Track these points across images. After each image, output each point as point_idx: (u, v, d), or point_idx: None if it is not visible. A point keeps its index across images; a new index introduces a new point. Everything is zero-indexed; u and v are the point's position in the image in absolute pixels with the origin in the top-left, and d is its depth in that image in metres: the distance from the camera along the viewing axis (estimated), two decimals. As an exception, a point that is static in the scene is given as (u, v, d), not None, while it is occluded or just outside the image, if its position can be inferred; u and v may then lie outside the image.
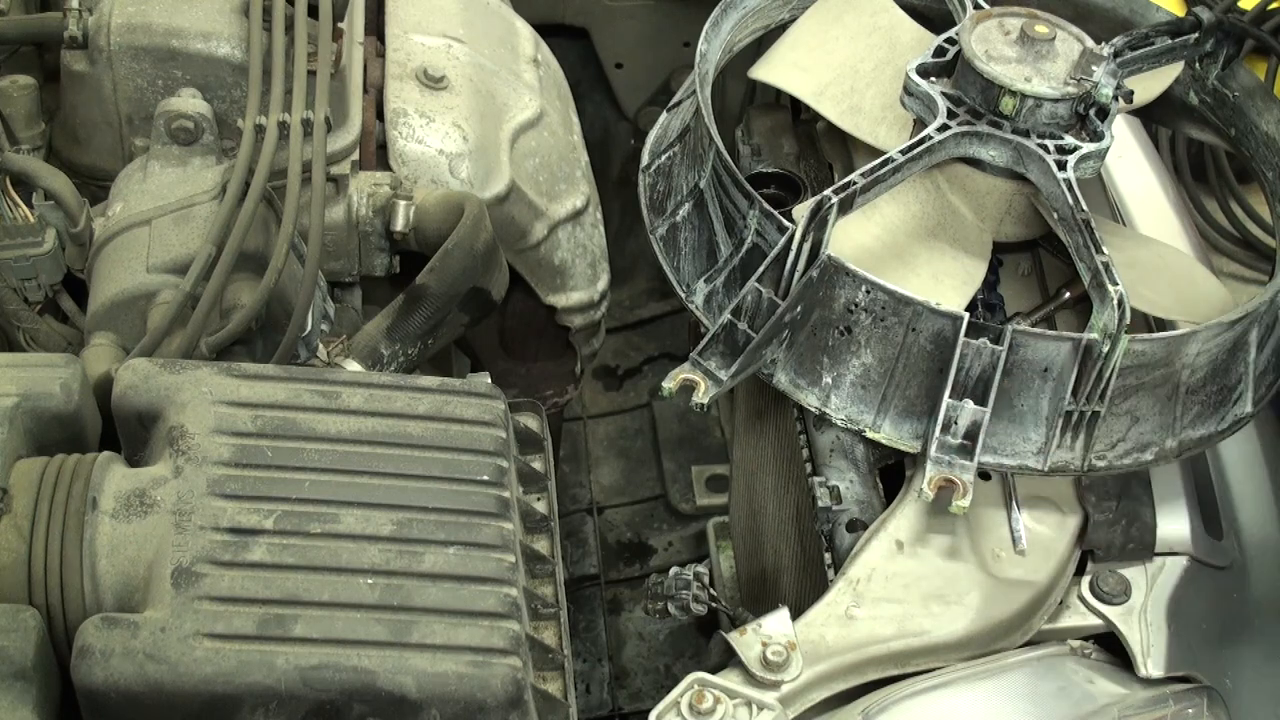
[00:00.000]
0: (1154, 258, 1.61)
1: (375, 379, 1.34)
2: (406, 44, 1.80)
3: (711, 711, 1.24)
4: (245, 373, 1.30)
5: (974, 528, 1.42)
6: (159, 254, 1.45)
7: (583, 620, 2.39)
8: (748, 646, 1.30)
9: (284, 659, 1.12)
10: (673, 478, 2.58)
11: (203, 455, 1.22)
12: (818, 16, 1.75)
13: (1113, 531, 1.43)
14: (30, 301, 1.50)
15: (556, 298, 1.85)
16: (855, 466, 1.50)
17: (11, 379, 1.25)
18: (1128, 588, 1.41)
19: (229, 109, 1.62)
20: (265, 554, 1.17)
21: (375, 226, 1.61)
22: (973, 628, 1.35)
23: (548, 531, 1.36)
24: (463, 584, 1.18)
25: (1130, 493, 1.45)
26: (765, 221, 1.45)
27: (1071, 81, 1.50)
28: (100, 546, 1.18)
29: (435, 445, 1.28)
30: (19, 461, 1.22)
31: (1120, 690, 1.34)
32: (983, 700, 1.32)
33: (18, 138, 1.66)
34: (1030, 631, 1.39)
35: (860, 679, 1.32)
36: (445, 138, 1.69)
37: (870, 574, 1.38)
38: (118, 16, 1.62)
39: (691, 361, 1.41)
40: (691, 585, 1.51)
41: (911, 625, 1.35)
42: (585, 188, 1.86)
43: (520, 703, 1.15)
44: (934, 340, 1.38)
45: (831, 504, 1.46)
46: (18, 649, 1.10)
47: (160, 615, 1.12)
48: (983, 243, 1.56)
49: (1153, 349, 1.39)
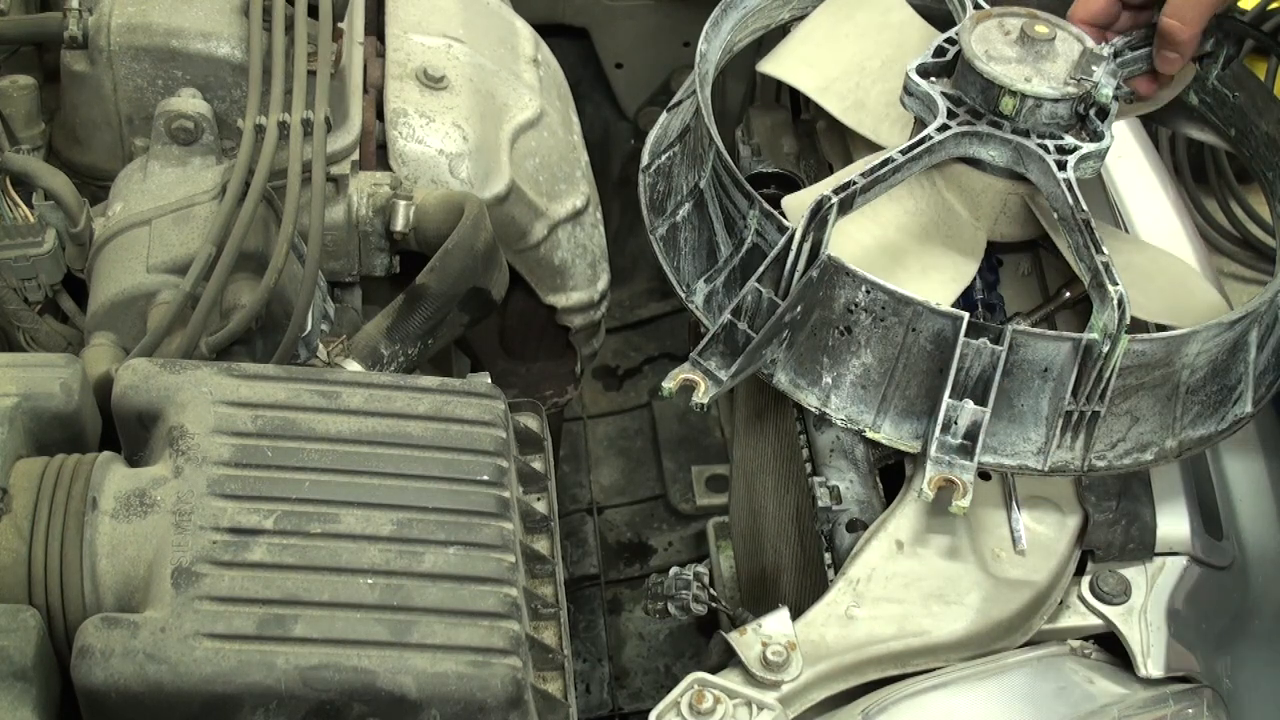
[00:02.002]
0: (1148, 262, 1.60)
1: (375, 379, 1.34)
2: (406, 44, 1.80)
3: (711, 711, 1.24)
4: (245, 373, 1.30)
5: (974, 528, 1.42)
6: (159, 254, 1.45)
7: (583, 620, 2.39)
8: (748, 646, 1.30)
9: (284, 659, 1.12)
10: (673, 478, 2.58)
11: (203, 455, 1.22)
12: (830, 12, 1.74)
13: (1113, 531, 1.43)
14: (30, 301, 1.50)
15: (556, 298, 1.85)
16: (855, 466, 1.50)
17: (11, 379, 1.25)
18: (1128, 588, 1.41)
19: (229, 109, 1.62)
20: (265, 554, 1.17)
21: (375, 226, 1.61)
22: (973, 628, 1.35)
23: (548, 531, 1.36)
24: (463, 584, 1.18)
25: (1130, 493, 1.45)
26: (765, 221, 1.45)
27: (1071, 81, 1.50)
28: (100, 546, 1.18)
29: (435, 445, 1.28)
30: (19, 461, 1.21)
31: (1120, 690, 1.34)
32: (983, 700, 1.32)
33: (18, 138, 1.66)
34: (1030, 631, 1.39)
35: (860, 679, 1.32)
36: (445, 138, 1.69)
37: (870, 574, 1.38)
38: (118, 16, 1.62)
39: (691, 361, 1.41)
40: (691, 585, 1.51)
41: (911, 625, 1.34)
42: (585, 188, 1.86)
43: (520, 703, 1.15)
44: (934, 340, 1.38)
45: (831, 504, 1.46)
46: (18, 649, 1.10)
47: (160, 615, 1.12)
48: (976, 241, 1.56)
49: (1153, 349, 1.39)
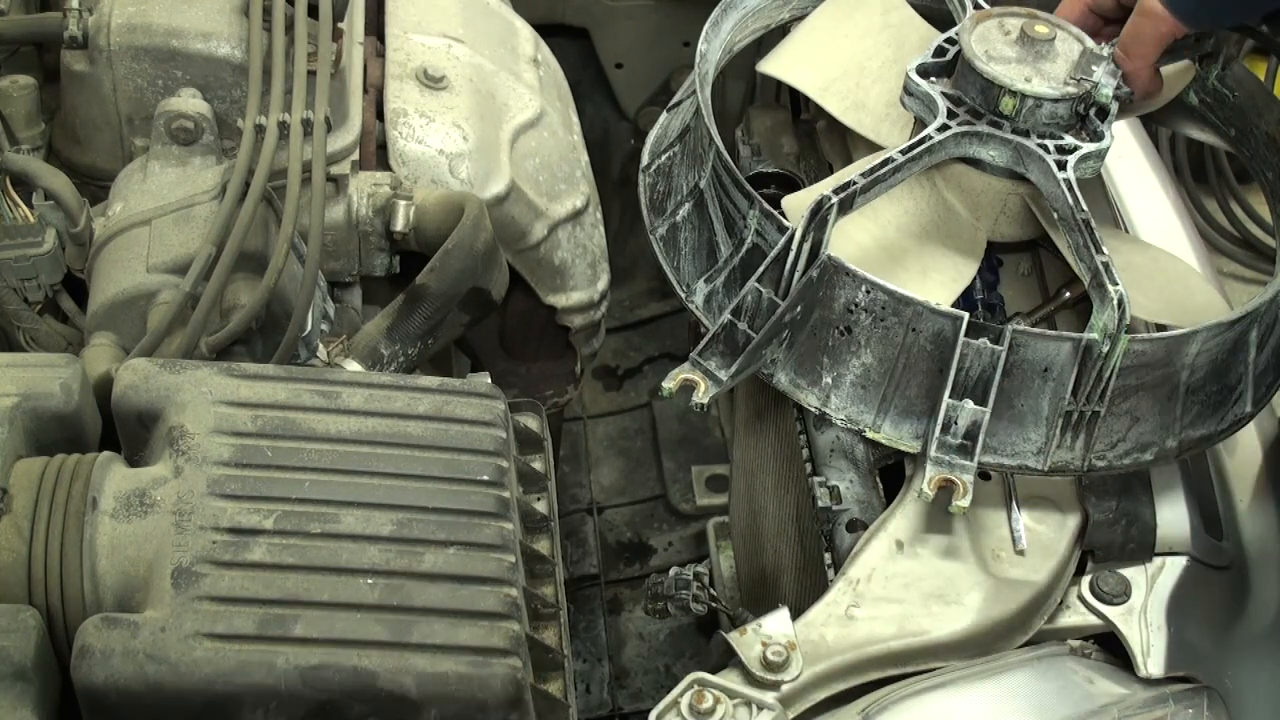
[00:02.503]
0: (1148, 262, 1.60)
1: (375, 379, 1.34)
2: (406, 44, 1.80)
3: (711, 711, 1.24)
4: (245, 373, 1.30)
5: (974, 528, 1.42)
6: (159, 254, 1.45)
7: (583, 620, 2.38)
8: (748, 646, 1.30)
9: (284, 659, 1.12)
10: (673, 478, 2.58)
11: (203, 455, 1.22)
12: (830, 13, 1.74)
13: (1113, 531, 1.43)
14: (30, 301, 1.50)
15: (556, 298, 1.85)
16: (855, 466, 1.50)
17: (11, 379, 1.25)
18: (1128, 588, 1.41)
19: (229, 109, 1.62)
20: (265, 554, 1.17)
21: (375, 226, 1.61)
22: (973, 628, 1.35)
23: (548, 531, 1.35)
24: (463, 584, 1.18)
25: (1130, 493, 1.45)
26: (765, 221, 1.45)
27: (1071, 82, 1.50)
28: (100, 546, 1.18)
29: (435, 445, 1.27)
30: (19, 461, 1.21)
31: (1120, 690, 1.34)
32: (983, 700, 1.32)
33: (18, 138, 1.66)
34: (1030, 631, 1.39)
35: (860, 679, 1.32)
36: (445, 138, 1.69)
37: (870, 574, 1.38)
38: (118, 16, 1.62)
39: (691, 361, 1.40)
40: (691, 585, 1.51)
41: (911, 625, 1.34)
42: (585, 188, 1.86)
43: (520, 703, 1.15)
44: (934, 340, 1.38)
45: (831, 504, 1.46)
46: (18, 649, 1.10)
47: (160, 615, 1.12)
48: (976, 241, 1.56)
49: (1153, 349, 1.39)
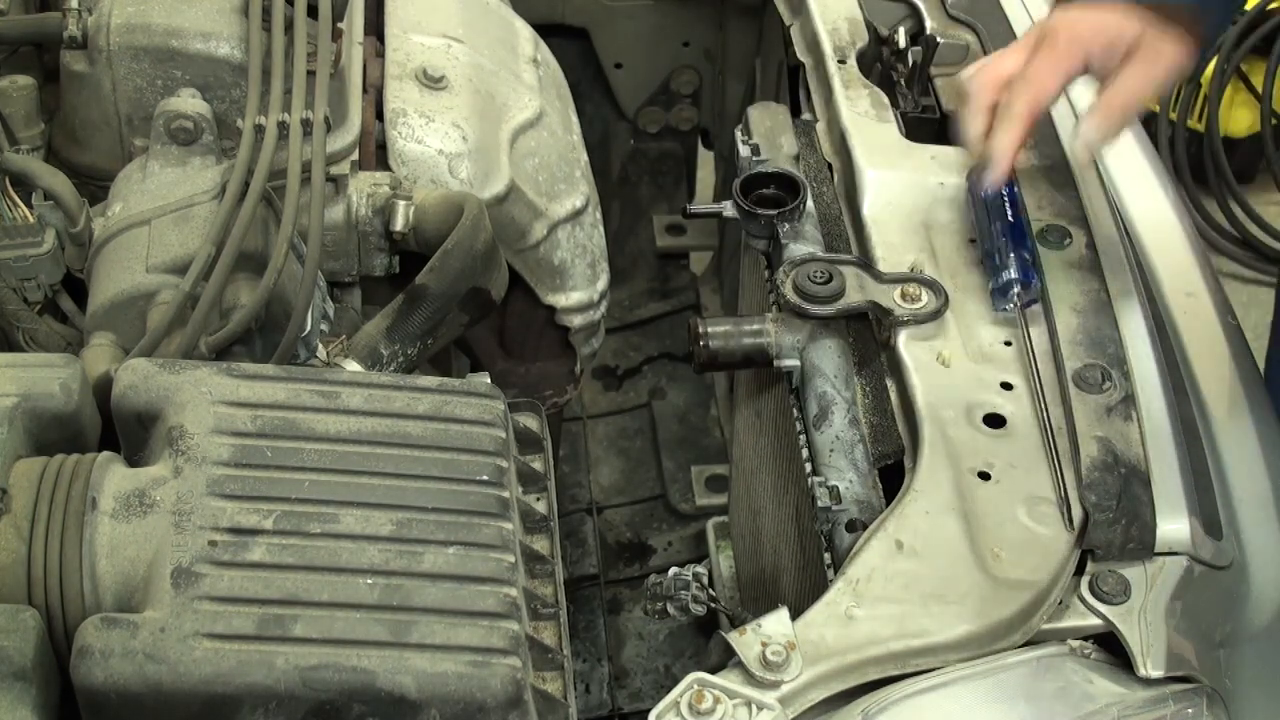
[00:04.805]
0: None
1: (375, 379, 1.34)
2: (406, 44, 1.80)
3: (711, 711, 1.24)
4: (245, 373, 1.30)
5: (974, 528, 1.42)
6: (158, 254, 1.45)
7: (582, 620, 2.38)
8: (747, 646, 1.29)
9: (284, 659, 1.12)
10: (672, 478, 2.58)
11: (202, 455, 1.22)
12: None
13: (1113, 531, 1.42)
14: (30, 301, 1.50)
15: (556, 298, 1.85)
16: (855, 466, 1.49)
17: (11, 379, 1.25)
18: (1128, 588, 1.41)
19: (229, 109, 1.62)
20: (265, 554, 1.17)
21: (375, 226, 1.61)
22: (973, 628, 1.35)
23: (547, 531, 1.35)
24: (462, 584, 1.18)
25: (1130, 492, 1.45)
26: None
27: None
28: (100, 546, 1.18)
29: (435, 445, 1.27)
30: (18, 461, 1.21)
31: (1120, 690, 1.34)
32: (982, 700, 1.32)
33: (17, 138, 1.66)
34: (1030, 632, 1.39)
35: (860, 679, 1.32)
36: (445, 138, 1.69)
37: (870, 574, 1.38)
38: (117, 16, 1.62)
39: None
40: (691, 585, 1.51)
41: (911, 625, 1.34)
42: (585, 188, 1.86)
43: (520, 703, 1.15)
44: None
45: (831, 504, 1.46)
46: (17, 649, 1.10)
47: (160, 615, 1.12)
48: None
49: None
